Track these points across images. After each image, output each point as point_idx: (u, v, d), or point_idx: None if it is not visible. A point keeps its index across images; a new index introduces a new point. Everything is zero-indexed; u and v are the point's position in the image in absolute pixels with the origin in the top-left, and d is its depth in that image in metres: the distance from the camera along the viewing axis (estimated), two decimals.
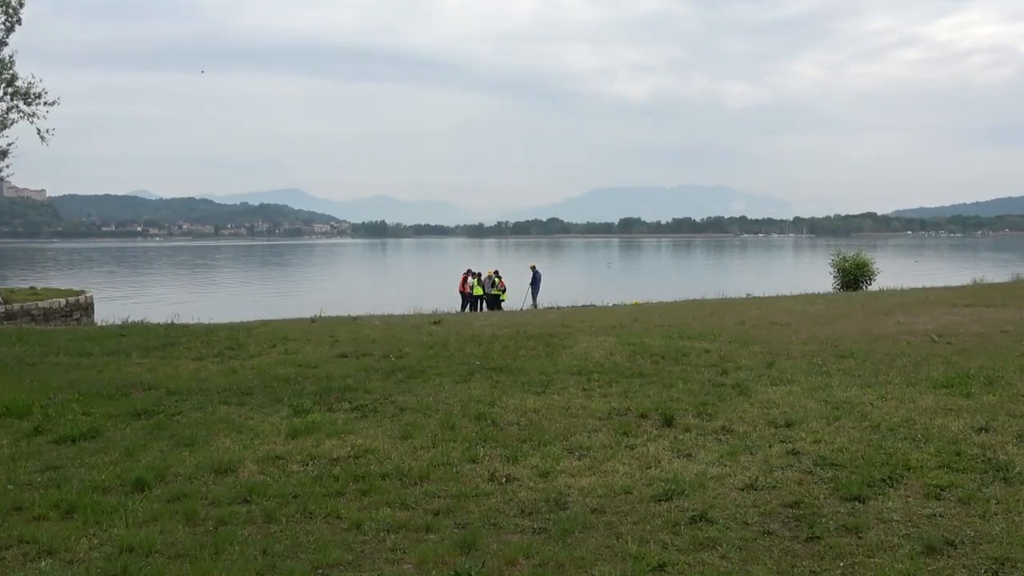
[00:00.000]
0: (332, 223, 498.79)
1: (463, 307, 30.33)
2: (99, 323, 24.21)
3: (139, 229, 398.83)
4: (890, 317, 18.69)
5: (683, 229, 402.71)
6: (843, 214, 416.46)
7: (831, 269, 35.12)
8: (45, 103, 24.15)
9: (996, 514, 5.73)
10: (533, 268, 32.94)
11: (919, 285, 32.20)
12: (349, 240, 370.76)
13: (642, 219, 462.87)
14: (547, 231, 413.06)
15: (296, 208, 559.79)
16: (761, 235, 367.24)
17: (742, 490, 6.39)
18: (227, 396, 10.36)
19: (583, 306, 29.44)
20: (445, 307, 28.31)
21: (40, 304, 25.21)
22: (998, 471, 6.59)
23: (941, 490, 6.24)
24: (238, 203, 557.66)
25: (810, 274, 60.72)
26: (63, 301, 26.20)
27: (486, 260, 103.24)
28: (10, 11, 23.79)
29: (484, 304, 30.68)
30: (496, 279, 30.74)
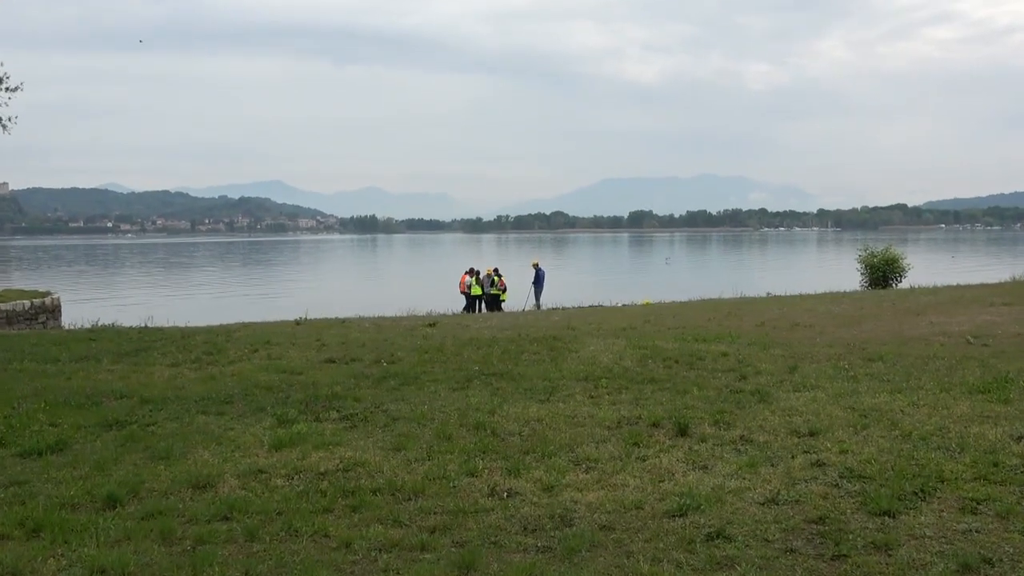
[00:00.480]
0: (318, 218, 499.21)
1: (466, 308, 30.38)
2: (67, 327, 24.21)
3: (110, 225, 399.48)
4: (922, 317, 18.69)
5: (698, 223, 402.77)
6: (871, 206, 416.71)
7: (858, 266, 35.12)
8: (7, 89, 24.16)
9: None
10: (536, 266, 32.94)
11: (953, 283, 32.19)
12: (336, 236, 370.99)
13: (654, 212, 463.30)
14: (551, 225, 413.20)
15: (279, 202, 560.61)
16: (782, 229, 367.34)
17: (762, 505, 6.39)
18: (205, 405, 10.37)
19: (590, 307, 29.42)
20: (440, 308, 28.32)
21: (2, 306, 25.23)
22: None
23: (977, 504, 6.24)
24: (216, 196, 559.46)
25: (835, 271, 60.73)
26: (27, 303, 26.23)
27: (485, 257, 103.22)
28: None
29: (483, 305, 30.69)
30: (496, 278, 30.75)
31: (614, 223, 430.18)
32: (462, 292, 31.12)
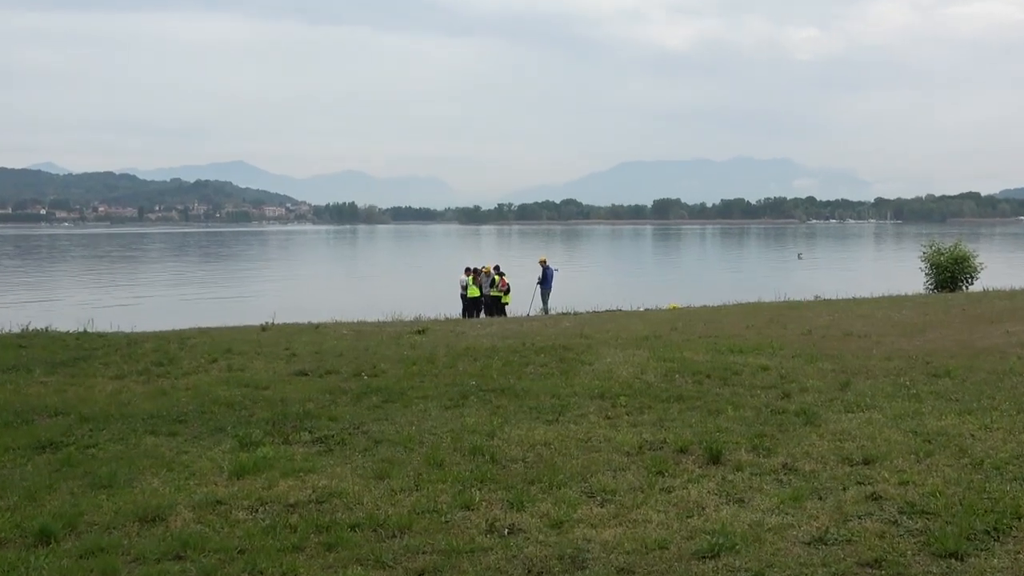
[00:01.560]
0: (288, 205, 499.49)
1: (463, 312, 30.39)
2: None
3: (43, 212, 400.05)
4: (997, 326, 18.66)
5: (734, 213, 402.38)
6: (937, 195, 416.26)
7: (922, 264, 35.07)
8: None
9: None
10: (543, 263, 32.95)
11: None
12: (310, 227, 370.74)
13: (682, 201, 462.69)
14: (561, 216, 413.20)
15: (242, 186, 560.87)
16: (834, 221, 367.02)
17: (808, 544, 6.39)
18: (155, 424, 10.39)
19: (606, 311, 29.40)
20: (431, 312, 28.33)
21: None
22: None
23: None
24: (168, 179, 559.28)
25: (895, 270, 60.67)
26: None
27: (484, 252, 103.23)
28: None
29: (481, 308, 30.70)
30: (496, 277, 30.76)
31: (635, 213, 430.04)
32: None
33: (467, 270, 31.44)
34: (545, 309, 31.22)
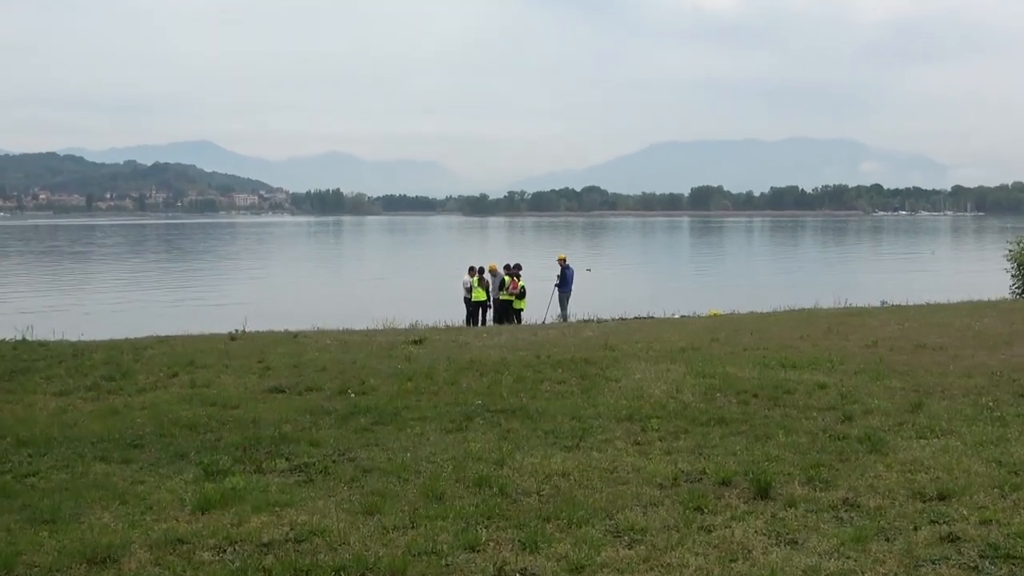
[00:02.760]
0: (262, 192, 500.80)
1: (467, 319, 30.39)
2: None
3: None
4: None
5: (787, 204, 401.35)
6: None
7: (1008, 265, 34.92)
8: None
9: None
10: (562, 262, 32.88)
11: None
12: (288, 218, 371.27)
13: (725, 188, 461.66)
14: (583, 206, 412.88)
15: (208, 170, 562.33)
16: (904, 213, 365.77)
17: None
18: (105, 449, 10.42)
19: (635, 318, 29.35)
20: (430, 318, 28.36)
21: None
22: None
23: None
24: (122, 162, 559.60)
25: (976, 272, 60.37)
26: None
27: (491, 249, 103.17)
28: None
29: (489, 314, 30.68)
30: (507, 278, 30.73)
31: (670, 203, 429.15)
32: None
33: (471, 269, 31.40)
34: (564, 316, 31.16)
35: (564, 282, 32.01)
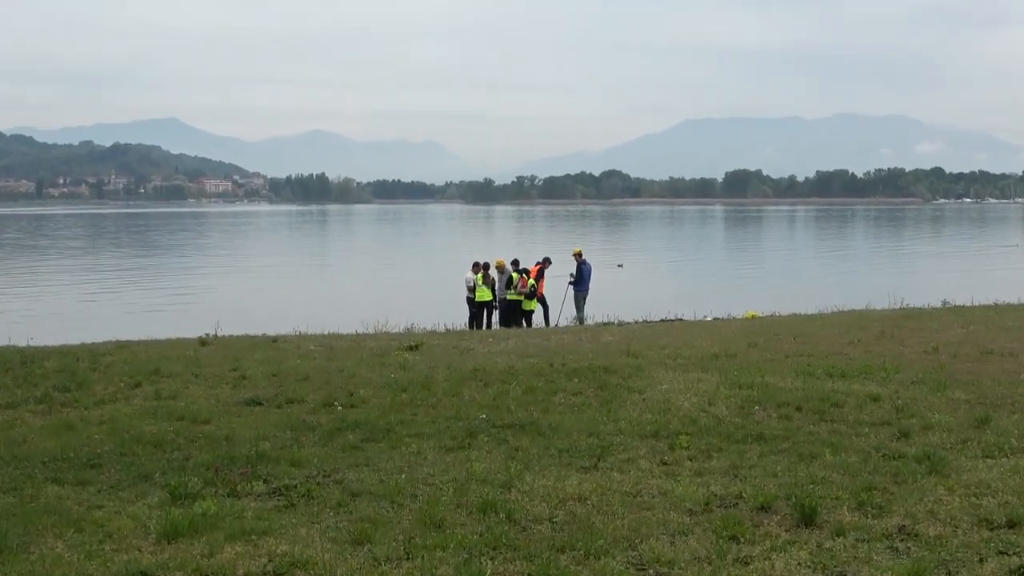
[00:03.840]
0: (236, 177, 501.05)
1: (470, 322, 30.37)
2: None
3: None
4: None
5: (834, 190, 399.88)
6: None
7: None
8: None
9: None
10: (578, 257, 32.85)
11: None
12: (266, 206, 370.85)
13: (763, 172, 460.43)
14: (602, 193, 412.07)
15: (176, 152, 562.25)
16: (968, 200, 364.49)
17: None
18: (58, 469, 10.44)
19: (662, 321, 29.33)
20: (427, 321, 28.38)
21: None
22: None
23: None
24: (76, 142, 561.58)
25: None
26: None
27: (498, 242, 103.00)
28: None
29: (495, 316, 30.66)
30: (516, 275, 30.71)
31: (701, 189, 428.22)
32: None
33: (475, 265, 31.36)
34: (580, 318, 31.14)
35: (580, 280, 31.87)
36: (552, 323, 30.97)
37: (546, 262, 32.20)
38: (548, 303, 31.51)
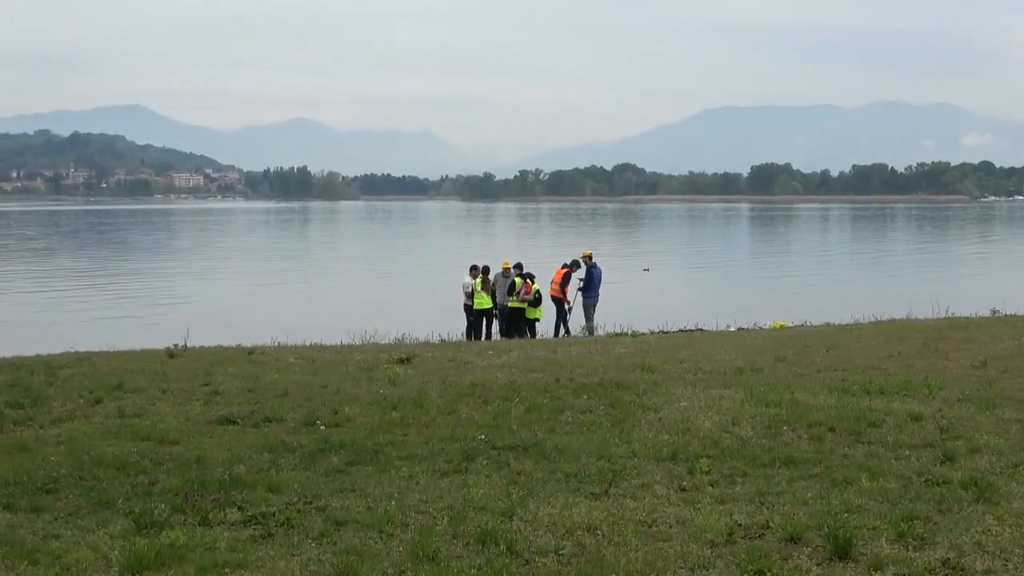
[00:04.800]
0: (209, 171, 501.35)
1: (468, 332, 30.34)
2: None
3: None
4: None
5: (871, 186, 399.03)
6: None
7: None
8: None
9: None
10: (588, 260, 32.80)
11: None
12: (241, 203, 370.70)
13: (793, 167, 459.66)
14: (614, 189, 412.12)
15: (142, 142, 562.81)
16: (1021, 198, 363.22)
17: None
18: (11, 495, 10.43)
19: (680, 332, 29.30)
20: (420, 331, 28.35)
21: None
22: None
23: None
24: (31, 132, 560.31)
25: None
26: None
27: (499, 243, 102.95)
28: None
29: (495, 325, 30.63)
30: (519, 279, 30.67)
31: (725, 185, 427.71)
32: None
33: (473, 269, 31.34)
34: (589, 328, 31.11)
35: (590, 285, 31.76)
36: (562, 332, 30.89)
37: (574, 265, 32.12)
38: (565, 311, 31.43)
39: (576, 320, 31.69)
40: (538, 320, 30.63)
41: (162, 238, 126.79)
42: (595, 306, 31.68)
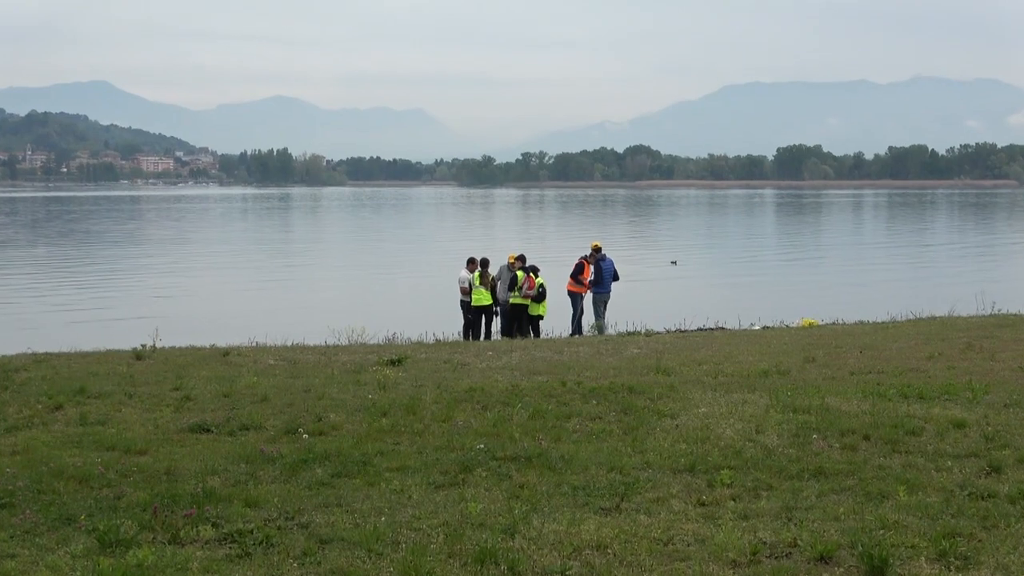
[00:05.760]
0: (180, 154, 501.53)
1: (465, 331, 30.30)
2: None
3: None
4: None
5: (910, 170, 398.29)
6: None
7: None
8: None
9: None
10: (596, 252, 32.77)
11: None
12: (216, 189, 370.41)
13: (824, 149, 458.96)
14: (625, 173, 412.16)
15: (106, 122, 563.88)
16: None
17: None
18: None
19: (699, 330, 29.30)
20: (413, 330, 28.35)
21: None
22: None
23: None
24: None
25: None
26: None
27: (499, 233, 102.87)
28: None
29: (494, 322, 30.61)
30: (521, 273, 30.62)
31: (748, 169, 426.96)
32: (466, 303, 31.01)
33: (471, 262, 31.28)
34: (599, 325, 31.07)
35: (599, 279, 31.62)
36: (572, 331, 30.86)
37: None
38: (577, 307, 31.41)
39: (585, 318, 31.63)
40: (542, 317, 30.53)
41: (129, 228, 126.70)
42: (606, 303, 31.61)
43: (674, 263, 64.17)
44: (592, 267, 31.33)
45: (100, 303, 49.55)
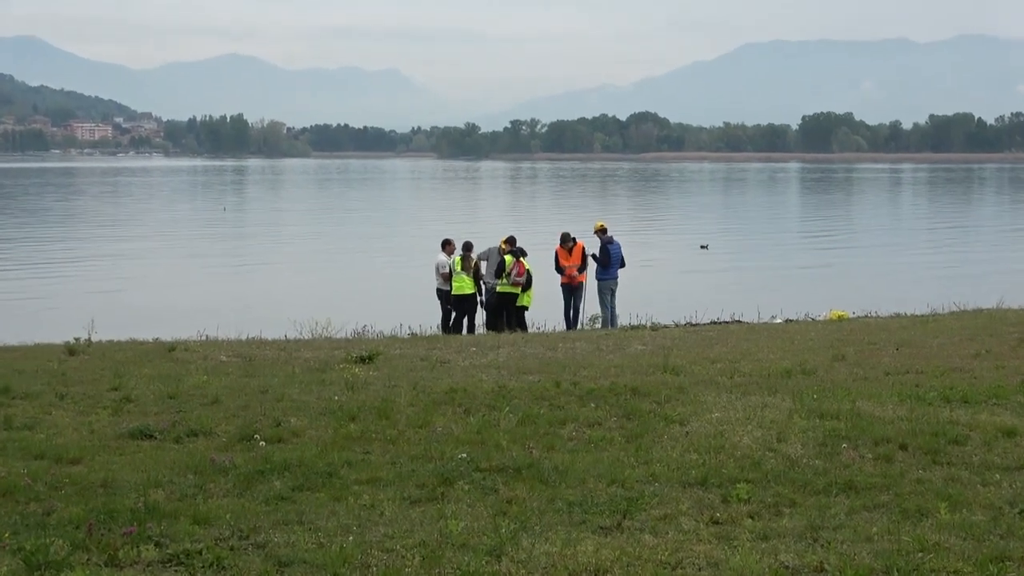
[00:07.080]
0: (119, 120, 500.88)
1: (444, 323, 30.26)
2: None
3: None
4: None
5: (953, 143, 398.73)
6: None
7: None
8: None
9: None
10: (602, 234, 32.72)
11: None
12: (160, 160, 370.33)
13: (856, 117, 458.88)
14: (630, 144, 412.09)
15: (35, 84, 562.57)
16: None
17: None
18: None
19: (713, 323, 29.33)
20: (387, 323, 28.36)
21: None
22: None
23: None
24: None
25: None
26: None
27: (485, 213, 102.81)
28: None
29: (476, 312, 30.56)
30: (510, 257, 30.56)
31: (769, 140, 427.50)
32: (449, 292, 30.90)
33: (447, 244, 31.09)
34: (606, 317, 31.00)
35: (607, 263, 31.39)
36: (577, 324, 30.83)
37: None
38: (570, 300, 31.36)
39: (589, 307, 31.46)
40: (527, 308, 30.38)
41: (61, 205, 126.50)
42: (613, 291, 31.33)
43: (704, 247, 64.36)
44: (568, 252, 31.14)
45: (27, 291, 49.47)
